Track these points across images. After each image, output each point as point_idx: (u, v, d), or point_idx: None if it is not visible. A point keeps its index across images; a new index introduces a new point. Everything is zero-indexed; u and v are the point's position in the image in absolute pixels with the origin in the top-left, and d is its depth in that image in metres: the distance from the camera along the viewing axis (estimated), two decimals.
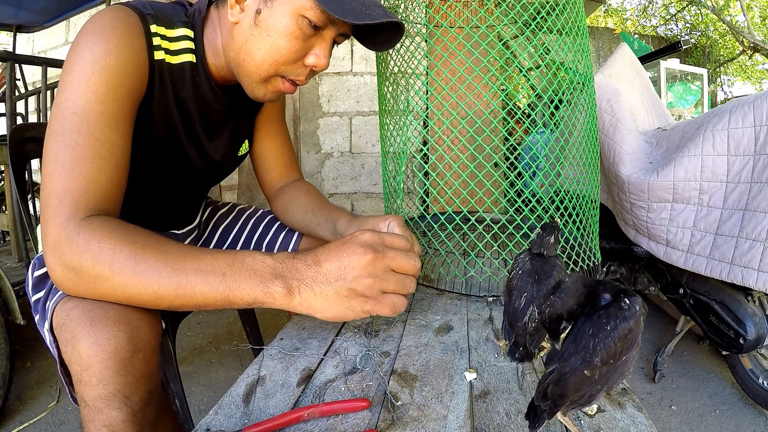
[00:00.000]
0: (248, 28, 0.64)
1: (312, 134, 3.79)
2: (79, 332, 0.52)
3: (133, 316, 0.54)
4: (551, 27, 0.89)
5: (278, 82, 0.69)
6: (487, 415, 0.51)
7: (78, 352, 0.51)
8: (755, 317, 1.33)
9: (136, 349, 0.53)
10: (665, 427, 1.45)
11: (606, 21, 10.61)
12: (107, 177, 0.57)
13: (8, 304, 1.50)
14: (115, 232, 0.52)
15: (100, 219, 0.54)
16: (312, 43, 0.66)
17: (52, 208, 0.53)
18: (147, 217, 0.86)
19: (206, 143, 0.80)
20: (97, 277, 0.51)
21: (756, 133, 1.25)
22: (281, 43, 0.64)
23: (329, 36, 0.67)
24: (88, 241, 0.51)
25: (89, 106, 0.56)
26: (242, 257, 0.54)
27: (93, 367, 0.51)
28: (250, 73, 0.68)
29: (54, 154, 0.55)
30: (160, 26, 0.66)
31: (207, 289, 0.52)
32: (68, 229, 0.52)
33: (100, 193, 0.56)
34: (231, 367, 1.82)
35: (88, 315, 0.52)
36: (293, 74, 0.68)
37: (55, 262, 0.52)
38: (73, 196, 0.53)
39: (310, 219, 0.86)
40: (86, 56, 0.58)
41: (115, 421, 0.51)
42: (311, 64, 0.67)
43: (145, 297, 0.52)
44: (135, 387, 0.53)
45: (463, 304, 0.86)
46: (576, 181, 0.99)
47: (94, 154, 0.56)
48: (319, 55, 0.67)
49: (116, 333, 0.52)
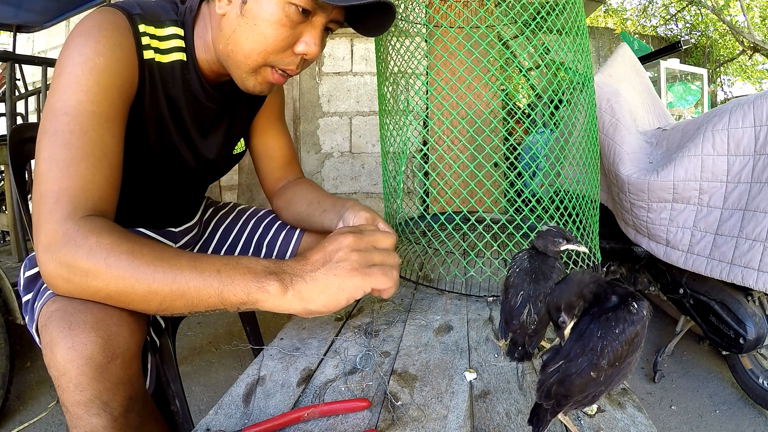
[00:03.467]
0: (235, 19, 0.64)
1: (312, 134, 3.79)
2: (57, 337, 0.51)
3: (111, 321, 0.54)
4: (551, 27, 0.89)
5: (268, 72, 0.68)
6: (487, 415, 0.51)
7: (55, 357, 0.51)
8: (755, 317, 1.33)
9: (114, 355, 0.53)
10: (665, 427, 1.45)
11: (606, 21, 10.60)
12: (103, 177, 0.57)
13: (8, 304, 1.50)
14: (114, 231, 0.53)
15: (98, 218, 0.54)
16: (301, 30, 0.65)
17: (48, 206, 0.53)
18: (143, 215, 0.86)
19: (199, 142, 0.80)
20: (90, 271, 0.51)
21: (756, 133, 1.25)
22: (268, 31, 0.63)
23: (319, 22, 0.65)
24: (86, 237, 0.51)
25: (81, 106, 0.56)
26: (237, 258, 0.56)
27: (69, 373, 0.50)
28: (239, 64, 0.67)
29: (47, 153, 0.55)
30: (148, 26, 0.66)
31: (201, 284, 0.51)
32: (66, 226, 0.52)
33: (97, 193, 0.56)
34: (231, 367, 1.82)
35: (68, 320, 0.52)
36: (283, 63, 0.67)
37: (47, 258, 0.52)
38: (71, 195, 0.53)
39: (315, 207, 0.85)
40: (76, 58, 0.58)
41: (95, 427, 0.51)
42: (301, 52, 0.66)
43: (137, 293, 0.51)
44: (113, 393, 0.52)
45: (463, 304, 0.86)
46: (576, 181, 0.99)
47: (89, 154, 0.56)
48: (308, 42, 0.65)
49: (93, 338, 0.51)
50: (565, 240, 0.58)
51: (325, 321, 0.78)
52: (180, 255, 0.53)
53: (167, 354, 0.88)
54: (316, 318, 0.79)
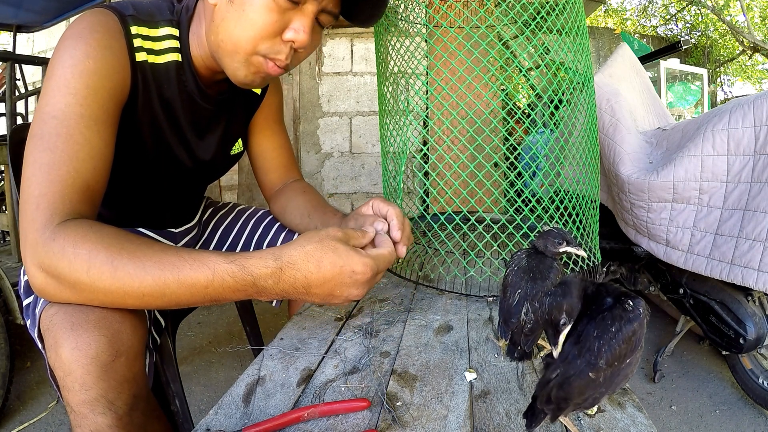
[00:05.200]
0: (225, 7, 0.63)
1: (312, 134, 3.79)
2: (60, 337, 0.51)
3: (114, 319, 0.54)
4: (551, 27, 0.89)
5: (260, 61, 0.66)
6: (487, 415, 0.51)
7: (60, 357, 0.51)
8: (755, 317, 1.33)
9: (118, 353, 0.53)
10: (665, 427, 1.45)
11: (606, 21, 10.60)
12: (84, 180, 0.56)
13: (8, 304, 1.50)
14: (89, 235, 0.51)
15: (74, 223, 0.53)
16: (290, 16, 0.64)
17: (30, 213, 0.52)
18: (142, 217, 0.86)
19: (195, 142, 0.79)
20: (76, 284, 0.50)
21: (756, 133, 1.25)
22: (255, 16, 0.62)
23: (310, 10, 0.64)
24: (63, 248, 0.50)
25: (69, 108, 0.56)
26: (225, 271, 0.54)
27: (75, 373, 0.50)
28: (229, 53, 0.66)
29: (33, 157, 0.55)
30: (141, 27, 0.66)
31: (191, 272, 0.51)
32: (45, 235, 0.51)
33: (76, 196, 0.55)
34: (231, 367, 1.82)
35: (70, 320, 0.52)
36: (273, 52, 0.65)
37: (34, 269, 0.52)
38: (49, 201, 0.53)
39: (307, 222, 0.86)
40: (66, 60, 0.58)
41: (100, 426, 0.51)
42: (290, 39, 0.64)
43: (129, 298, 0.51)
44: (118, 392, 0.53)
45: (463, 304, 0.86)
46: (576, 181, 0.99)
47: (72, 157, 0.55)
48: (297, 29, 0.64)
49: (96, 337, 0.51)
50: (565, 242, 0.59)
51: (325, 321, 0.78)
52: (164, 251, 0.53)
53: (167, 354, 0.88)
54: (316, 318, 0.79)
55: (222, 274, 0.52)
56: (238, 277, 0.52)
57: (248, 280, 0.53)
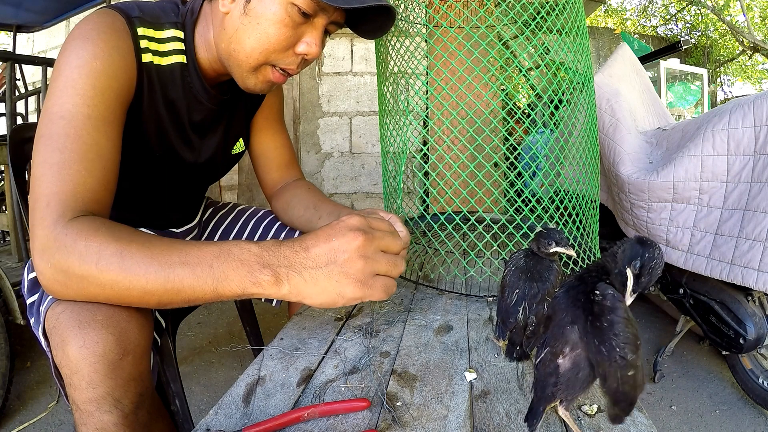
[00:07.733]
0: (238, 18, 0.64)
1: (312, 134, 3.79)
2: (67, 336, 0.51)
3: (121, 318, 0.54)
4: (551, 27, 0.89)
5: (268, 71, 0.69)
6: (487, 415, 0.51)
7: (67, 355, 0.51)
8: (755, 317, 1.33)
9: (125, 352, 0.53)
10: (665, 427, 1.45)
11: (606, 21, 10.60)
12: (95, 180, 0.57)
13: (8, 304, 1.50)
14: (100, 230, 0.52)
15: (86, 219, 0.53)
16: (303, 30, 0.66)
17: (40, 211, 0.53)
18: (144, 217, 0.86)
19: (198, 142, 0.80)
20: (84, 276, 0.51)
21: (756, 133, 1.25)
22: (271, 30, 0.63)
23: (320, 24, 0.66)
24: (75, 241, 0.51)
25: (76, 109, 0.57)
26: (228, 247, 0.53)
27: (82, 371, 0.51)
28: (240, 63, 0.67)
29: (42, 157, 0.55)
30: (147, 28, 0.66)
31: (195, 282, 0.51)
32: (56, 231, 0.51)
33: (88, 195, 0.56)
34: (231, 367, 1.82)
35: (77, 318, 0.52)
36: (284, 63, 0.68)
37: (43, 265, 0.52)
38: (61, 199, 0.53)
39: (312, 213, 0.85)
40: (73, 61, 0.58)
41: (106, 424, 0.51)
42: (302, 52, 0.67)
43: (133, 294, 0.51)
44: (125, 390, 0.53)
45: (463, 304, 0.86)
46: (576, 181, 0.99)
47: (82, 158, 0.56)
48: (310, 42, 0.66)
49: (104, 336, 0.52)
50: (554, 242, 0.58)
51: (325, 321, 0.78)
52: (170, 249, 0.52)
53: (167, 354, 0.88)
54: (316, 318, 0.79)
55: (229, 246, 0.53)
56: (243, 247, 0.53)
57: (253, 250, 0.53)
